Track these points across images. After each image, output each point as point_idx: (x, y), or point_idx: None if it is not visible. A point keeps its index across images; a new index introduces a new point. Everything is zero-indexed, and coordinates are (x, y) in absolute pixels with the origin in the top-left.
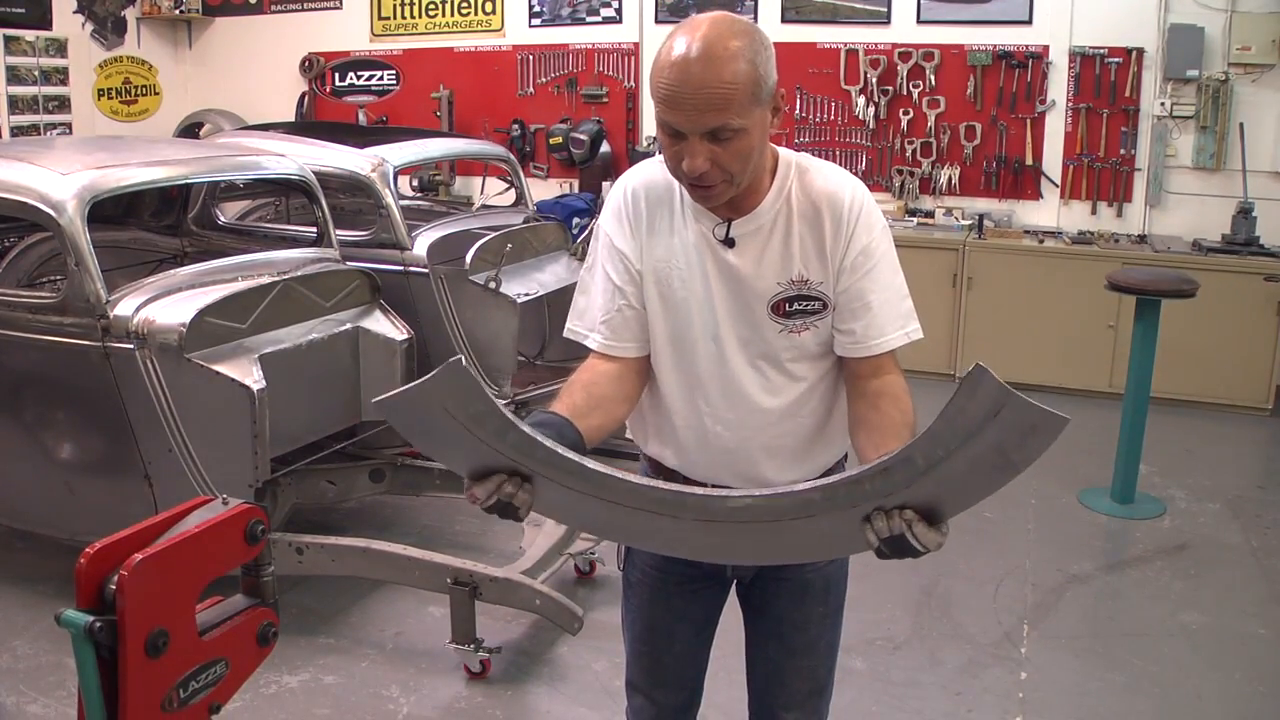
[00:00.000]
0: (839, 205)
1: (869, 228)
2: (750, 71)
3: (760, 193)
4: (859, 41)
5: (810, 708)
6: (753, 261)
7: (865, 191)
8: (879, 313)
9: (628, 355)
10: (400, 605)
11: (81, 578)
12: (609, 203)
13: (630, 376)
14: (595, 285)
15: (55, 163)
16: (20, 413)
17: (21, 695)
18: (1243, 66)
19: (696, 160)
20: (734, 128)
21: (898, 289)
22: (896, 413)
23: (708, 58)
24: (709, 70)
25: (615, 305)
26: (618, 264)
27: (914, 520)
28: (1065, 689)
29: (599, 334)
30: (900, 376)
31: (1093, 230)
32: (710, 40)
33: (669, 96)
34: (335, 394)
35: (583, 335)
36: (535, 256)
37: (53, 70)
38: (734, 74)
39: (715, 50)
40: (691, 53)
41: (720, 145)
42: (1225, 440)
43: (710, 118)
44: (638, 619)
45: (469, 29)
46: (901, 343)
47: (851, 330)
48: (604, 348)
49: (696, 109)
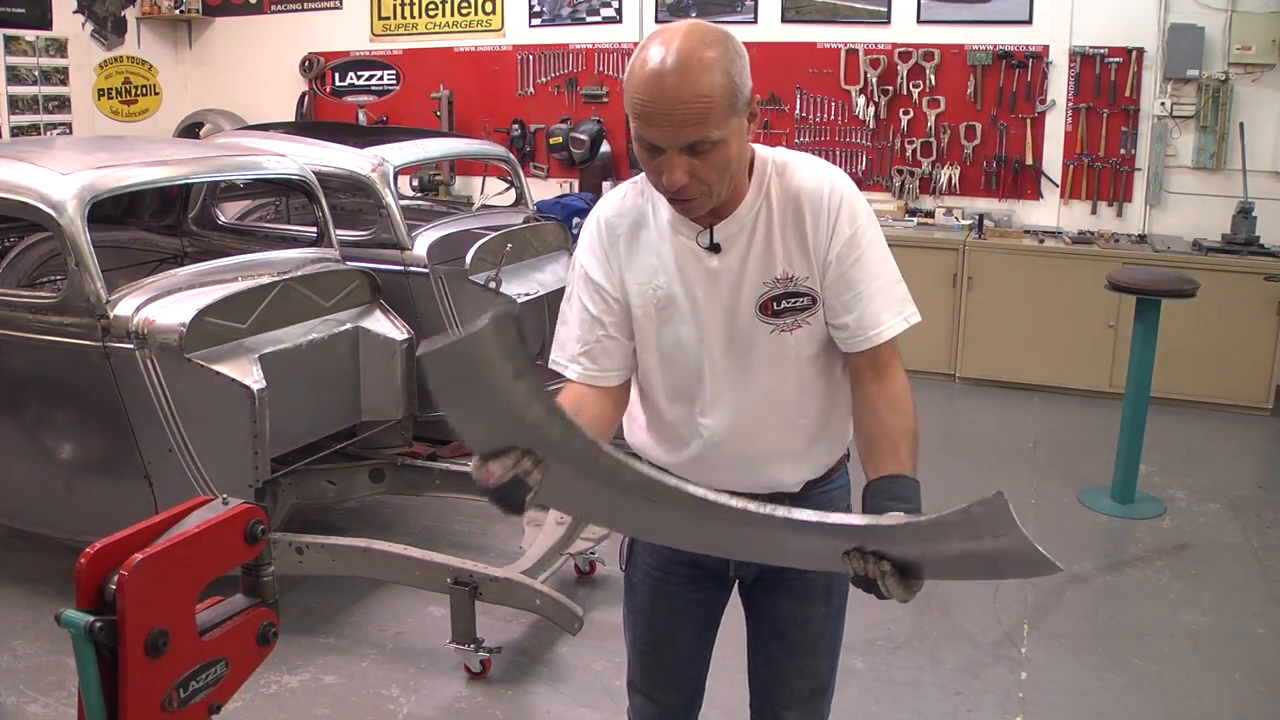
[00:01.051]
0: (818, 198)
1: (852, 217)
2: (726, 82)
3: (740, 195)
4: (859, 41)
5: (812, 707)
6: (737, 263)
7: (846, 181)
8: (872, 301)
9: (609, 384)
10: (400, 605)
11: (81, 578)
12: (583, 236)
13: (610, 402)
14: (573, 317)
15: (55, 163)
16: (20, 413)
17: (21, 695)
18: (1243, 66)
19: (675, 174)
20: (712, 140)
21: (889, 275)
22: (896, 420)
23: (683, 71)
24: (684, 85)
25: (594, 336)
26: (594, 295)
27: (888, 572)
28: (1065, 689)
29: (578, 365)
30: (901, 371)
31: (1093, 230)
32: (684, 53)
33: (645, 113)
34: (335, 394)
35: (563, 366)
36: (535, 256)
37: (53, 70)
38: (710, 87)
39: (690, 63)
40: (666, 66)
41: (699, 158)
42: (1225, 440)
43: (688, 132)
44: (639, 619)
45: (469, 29)
46: (900, 329)
47: (846, 324)
48: (584, 378)
49: (673, 124)
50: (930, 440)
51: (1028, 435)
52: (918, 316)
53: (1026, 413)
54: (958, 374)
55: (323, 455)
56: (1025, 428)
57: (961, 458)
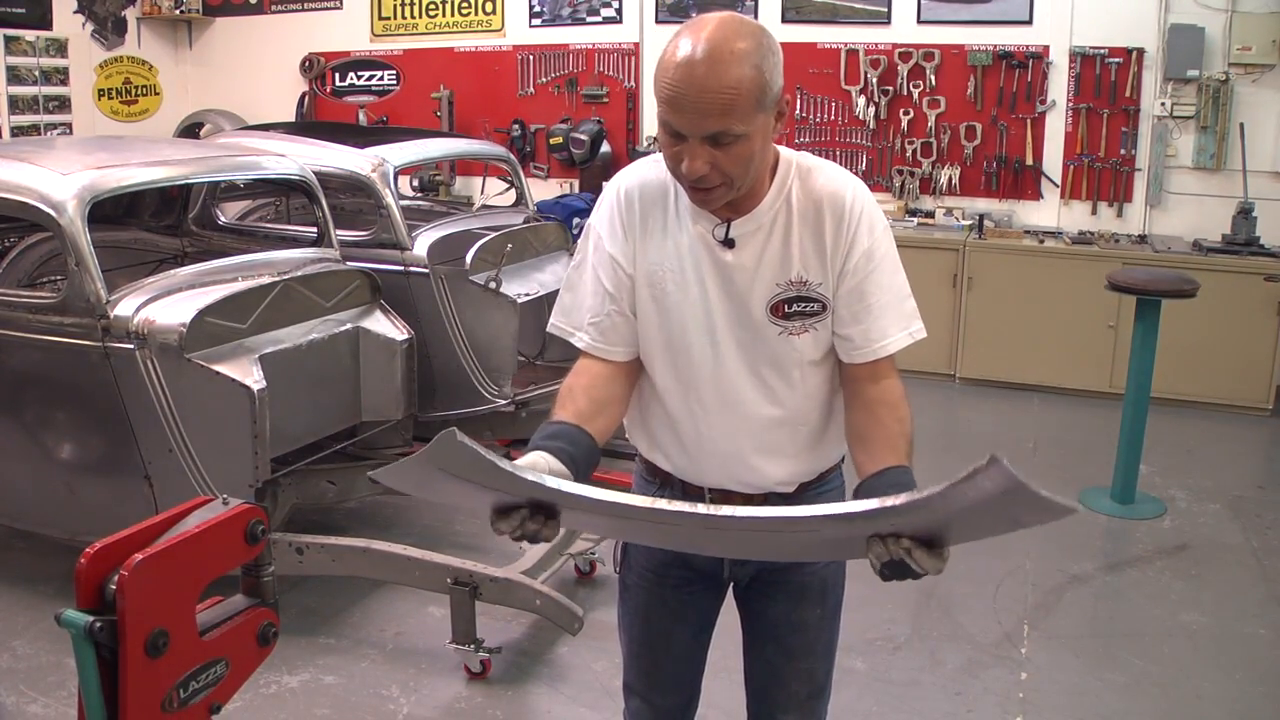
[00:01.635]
0: (840, 206)
1: (871, 229)
2: (755, 77)
3: (760, 193)
4: (859, 41)
5: (809, 709)
6: (752, 261)
7: (867, 192)
8: (882, 315)
9: (617, 359)
10: (400, 605)
11: (81, 578)
12: (602, 202)
13: (622, 379)
14: (584, 284)
15: (55, 163)
16: (20, 413)
17: (21, 695)
18: (1243, 66)
19: (696, 163)
20: (735, 134)
21: (899, 289)
22: (894, 422)
23: (712, 61)
24: (713, 74)
25: (605, 310)
26: (609, 268)
27: (912, 548)
28: (1065, 689)
29: (587, 334)
30: (897, 381)
31: (1093, 230)
32: (716, 42)
33: (671, 98)
34: (335, 394)
35: (568, 333)
36: (535, 256)
37: (53, 70)
38: (738, 79)
39: (721, 53)
40: (696, 54)
41: (720, 149)
42: (1225, 440)
43: (711, 122)
44: (635, 621)
45: (469, 29)
46: (905, 344)
47: (850, 336)
48: (592, 349)
49: (699, 113)
50: (930, 440)
51: (1028, 435)
52: (923, 331)
53: (1026, 413)
54: (957, 374)
55: (323, 455)
56: (1025, 428)
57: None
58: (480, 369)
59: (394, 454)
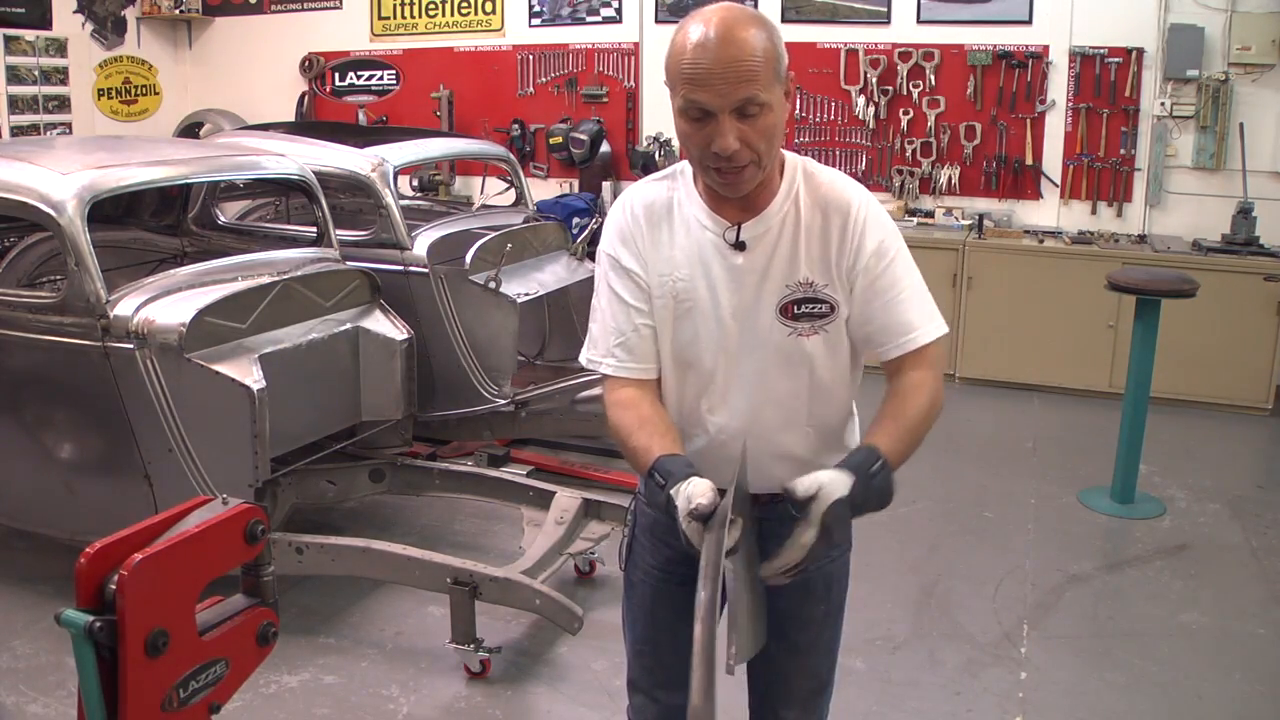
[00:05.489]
0: (846, 210)
1: (879, 228)
2: (770, 48)
3: (771, 191)
4: (859, 41)
5: (811, 706)
6: (762, 263)
7: (871, 197)
8: (904, 308)
9: (649, 377)
10: (400, 605)
11: (81, 578)
12: (610, 225)
13: (658, 395)
14: (605, 309)
15: (55, 163)
16: (20, 413)
17: (21, 695)
18: (1243, 66)
19: (728, 139)
20: (760, 101)
21: (918, 285)
22: (902, 404)
23: (729, 35)
24: (733, 44)
25: (631, 325)
26: (628, 282)
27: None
28: (1065, 689)
29: (613, 358)
30: (927, 374)
31: (1093, 230)
32: (728, 22)
33: (694, 76)
34: (335, 394)
35: (596, 363)
36: (535, 256)
37: (53, 70)
38: (756, 47)
39: (735, 28)
40: (712, 33)
41: (747, 122)
42: (1225, 440)
43: (741, 89)
44: (639, 618)
45: (469, 29)
46: (934, 335)
47: (875, 332)
48: (621, 371)
49: (726, 82)
50: (930, 440)
51: (1027, 435)
52: (945, 328)
53: (1026, 413)
54: (957, 374)
55: (323, 455)
56: (1025, 428)
57: (961, 458)
58: (480, 369)
59: (393, 454)
